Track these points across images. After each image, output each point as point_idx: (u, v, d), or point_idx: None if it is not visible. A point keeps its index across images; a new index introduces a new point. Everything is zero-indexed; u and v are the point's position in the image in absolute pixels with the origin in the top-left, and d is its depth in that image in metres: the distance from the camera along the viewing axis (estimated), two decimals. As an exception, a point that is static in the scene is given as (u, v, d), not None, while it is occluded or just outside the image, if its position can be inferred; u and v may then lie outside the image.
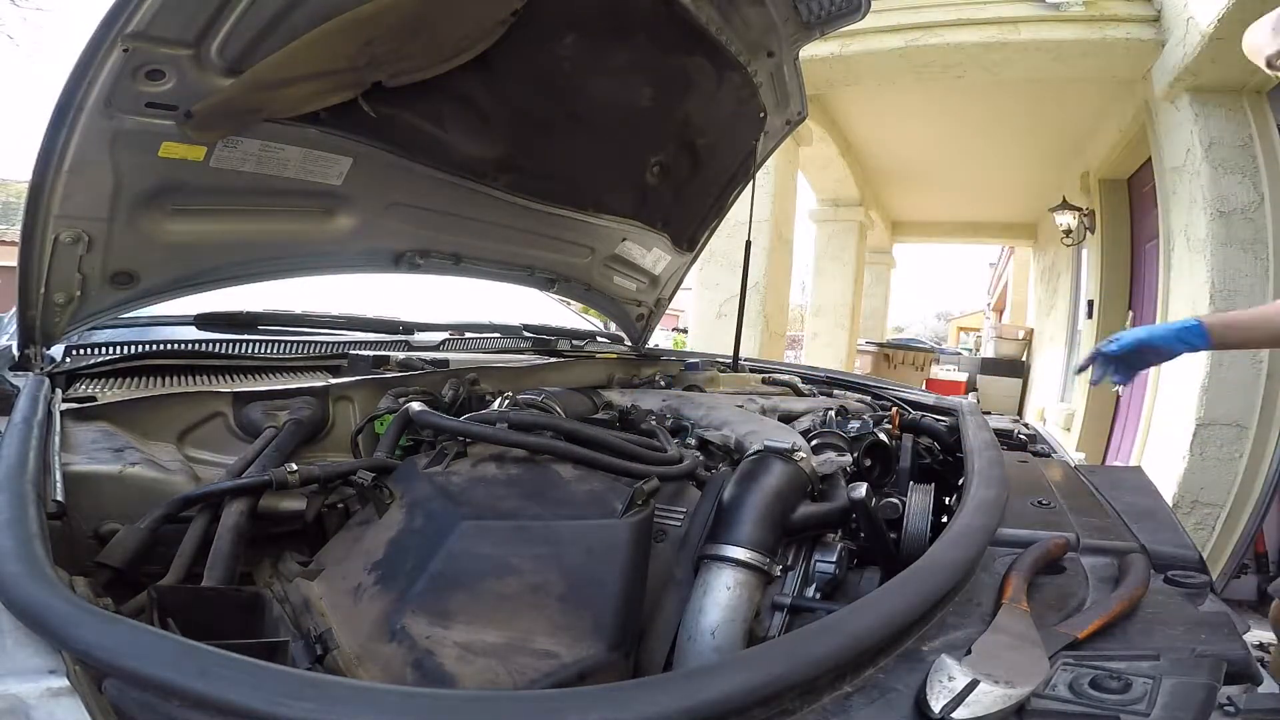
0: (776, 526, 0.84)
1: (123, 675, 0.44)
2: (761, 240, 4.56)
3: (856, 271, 7.30)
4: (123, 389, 1.07)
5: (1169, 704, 0.49)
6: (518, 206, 1.64)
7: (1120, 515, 0.93)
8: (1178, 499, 3.11)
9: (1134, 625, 0.64)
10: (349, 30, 1.01)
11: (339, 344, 1.58)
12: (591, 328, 2.48)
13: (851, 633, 0.54)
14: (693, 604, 0.76)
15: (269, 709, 0.42)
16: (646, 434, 1.12)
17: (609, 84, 1.49)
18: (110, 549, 0.73)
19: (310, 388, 1.14)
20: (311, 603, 0.72)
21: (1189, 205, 3.33)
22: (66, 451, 0.81)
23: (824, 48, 3.87)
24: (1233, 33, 2.84)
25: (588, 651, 0.66)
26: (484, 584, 0.70)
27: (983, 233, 9.29)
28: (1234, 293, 3.08)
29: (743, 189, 2.00)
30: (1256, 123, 3.18)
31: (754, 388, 1.90)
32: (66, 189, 0.96)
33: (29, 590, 0.50)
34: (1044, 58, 3.82)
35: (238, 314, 1.49)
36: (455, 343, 1.86)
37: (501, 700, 0.49)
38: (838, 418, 1.42)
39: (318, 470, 0.87)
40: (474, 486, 0.83)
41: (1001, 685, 0.50)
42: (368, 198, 1.38)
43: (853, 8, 1.51)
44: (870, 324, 9.01)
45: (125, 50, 0.88)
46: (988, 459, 1.06)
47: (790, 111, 1.83)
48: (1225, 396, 3.07)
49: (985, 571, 0.74)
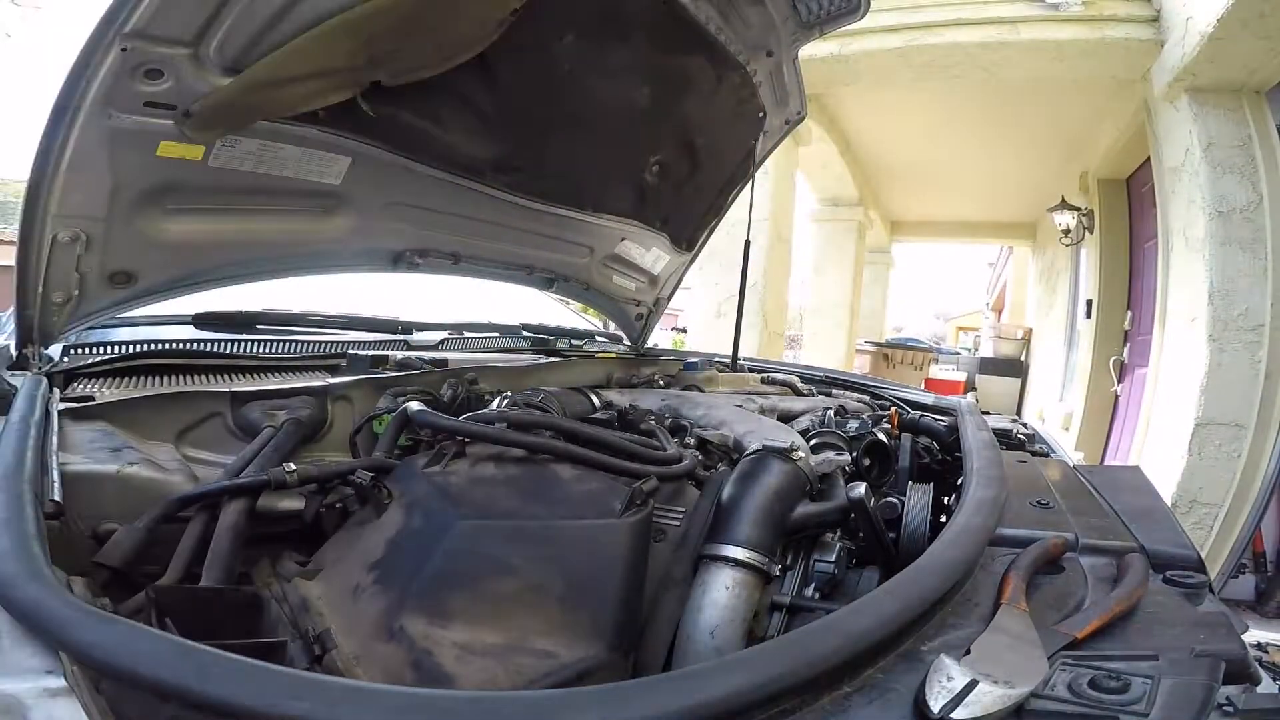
0: (775, 526, 0.84)
1: (120, 675, 0.44)
2: (760, 240, 4.56)
3: (855, 271, 7.30)
4: (121, 388, 1.06)
5: (1168, 704, 0.49)
6: (517, 206, 1.63)
7: (1119, 515, 0.93)
8: (1176, 498, 3.11)
9: (1133, 625, 0.64)
10: (348, 29, 1.01)
11: (337, 344, 1.57)
12: (590, 327, 2.48)
13: (850, 633, 0.54)
14: (692, 604, 0.76)
15: (267, 709, 0.42)
16: (645, 434, 1.12)
17: (608, 84, 1.49)
18: (108, 549, 0.73)
19: (309, 387, 1.14)
20: (310, 603, 0.72)
21: (1188, 205, 3.33)
22: (64, 451, 0.81)
23: (823, 47, 3.87)
24: (1232, 33, 2.85)
25: (587, 651, 0.66)
26: (483, 584, 0.69)
27: (982, 232, 9.29)
28: (1232, 292, 3.09)
29: (742, 188, 2.00)
30: (1255, 123, 3.19)
31: (753, 387, 1.91)
32: (65, 188, 0.96)
33: (26, 590, 0.50)
34: (1043, 58, 3.83)
35: (236, 314, 1.49)
36: (454, 342, 1.86)
37: (500, 700, 0.49)
38: (836, 417, 1.42)
39: (316, 470, 0.87)
40: (473, 486, 0.83)
41: (1000, 685, 0.50)
42: (366, 197, 1.38)
43: (852, 8, 1.51)
44: (869, 323, 9.00)
45: (124, 49, 0.88)
46: (986, 459, 1.06)
47: (789, 111, 1.83)
48: (1223, 396, 3.07)
49: (984, 571, 0.73)
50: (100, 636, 0.46)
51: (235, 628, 0.67)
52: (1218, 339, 3.09)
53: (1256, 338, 3.05)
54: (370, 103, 1.18)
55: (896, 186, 7.57)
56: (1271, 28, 2.80)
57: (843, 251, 7.20)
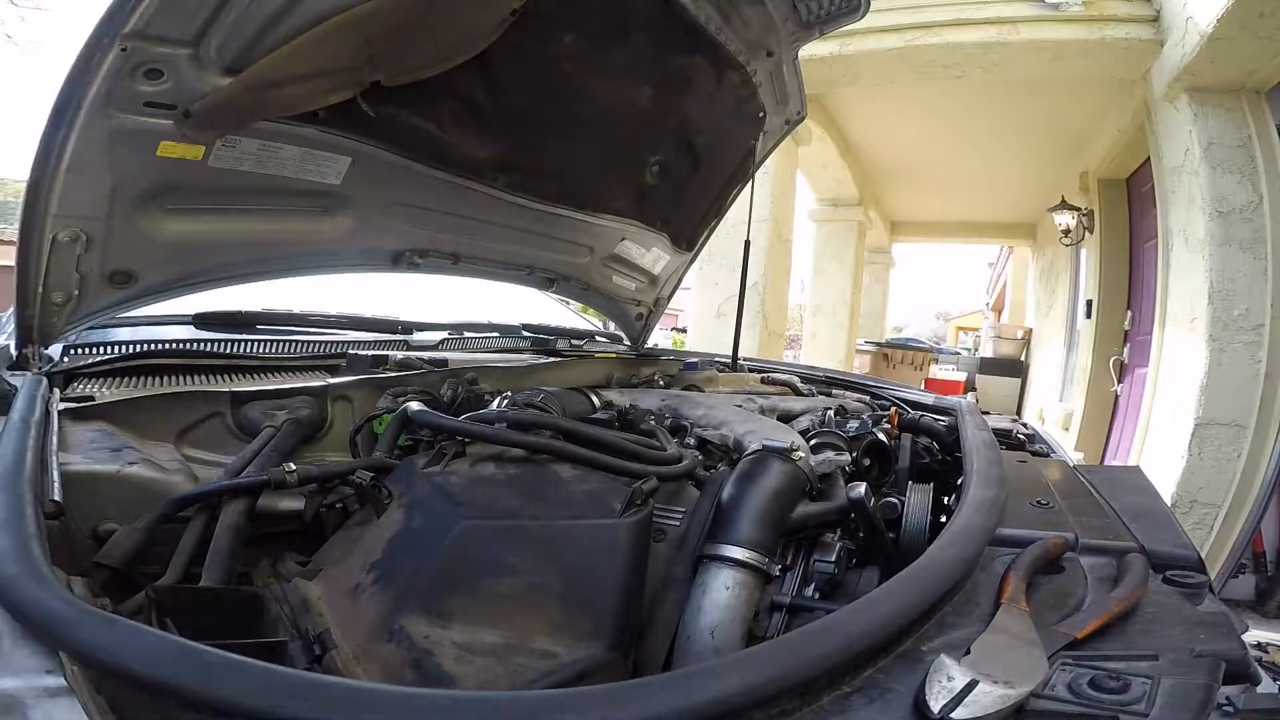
0: (775, 526, 0.84)
1: (120, 675, 0.44)
2: (760, 240, 4.56)
3: (855, 271, 7.30)
4: (121, 388, 1.06)
5: (1167, 704, 0.49)
6: (517, 206, 1.63)
7: (1119, 515, 0.93)
8: (1176, 498, 3.11)
9: (1133, 625, 0.64)
10: (348, 30, 1.01)
11: (337, 343, 1.57)
12: (590, 327, 2.48)
13: (850, 633, 0.54)
14: (691, 604, 0.76)
15: (267, 709, 0.42)
16: (645, 434, 1.12)
17: (608, 84, 1.49)
18: (108, 549, 0.73)
19: (309, 387, 1.14)
20: (310, 603, 0.72)
21: (1187, 205, 3.33)
22: (64, 451, 0.81)
23: (823, 47, 3.87)
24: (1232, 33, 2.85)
25: (586, 651, 0.66)
26: (482, 584, 0.69)
27: (982, 232, 9.29)
28: (1232, 292, 3.09)
29: (742, 188, 2.00)
30: (1255, 123, 3.19)
31: (753, 387, 1.90)
32: (65, 188, 0.96)
33: (27, 590, 0.50)
34: (1043, 58, 3.83)
35: (236, 313, 1.49)
36: (454, 342, 1.86)
37: (500, 700, 0.49)
38: (836, 417, 1.42)
39: (316, 470, 0.87)
40: (472, 486, 0.83)
41: (1000, 685, 0.50)
42: (367, 197, 1.38)
43: (852, 7, 1.51)
44: (869, 323, 9.00)
45: (124, 49, 0.88)
46: (986, 459, 1.06)
47: (789, 111, 1.83)
48: (1224, 396, 3.07)
49: (984, 571, 0.73)
50: (100, 636, 0.46)
51: (235, 628, 0.67)
52: (1218, 339, 3.09)
53: (1256, 338, 3.05)
54: (370, 103, 1.18)
55: (896, 186, 7.57)
56: (1271, 28, 2.80)
57: (843, 251, 7.20)
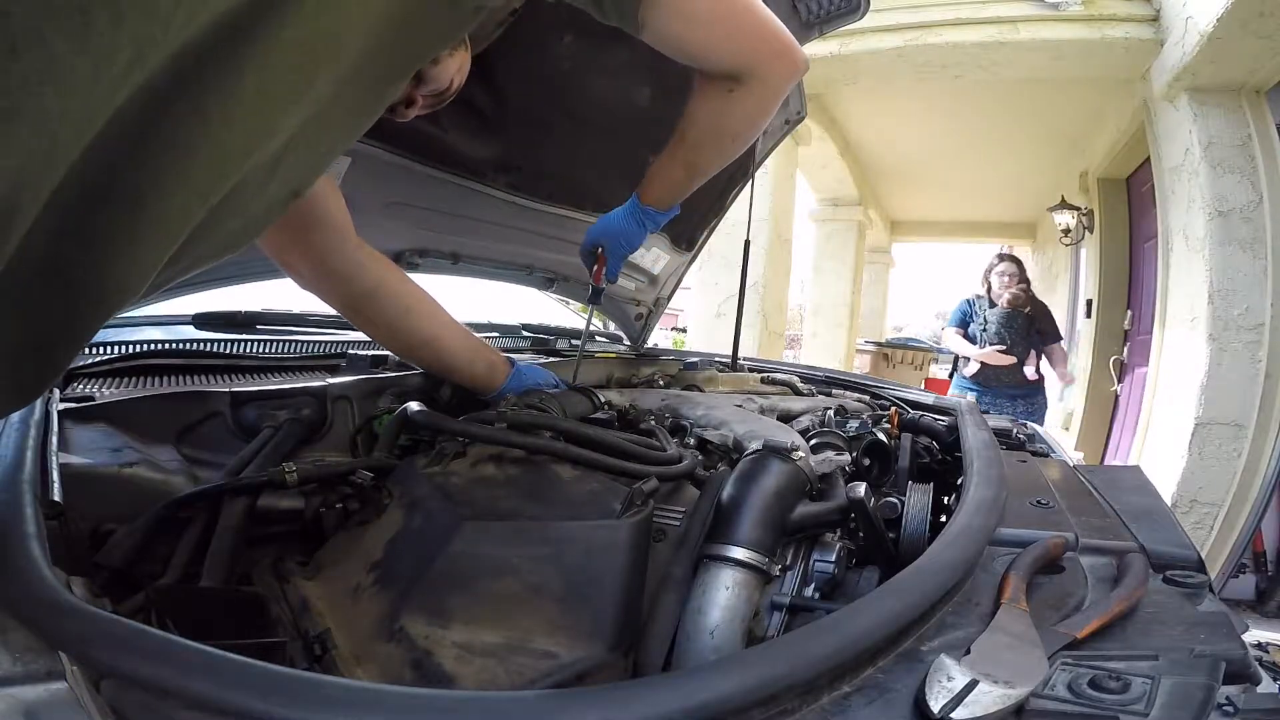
0: (775, 526, 0.84)
1: (120, 675, 0.44)
2: (760, 240, 4.56)
3: (855, 271, 7.30)
4: (121, 388, 1.06)
5: (1168, 704, 0.49)
6: (517, 206, 1.63)
7: (1119, 515, 0.92)
8: (1176, 498, 3.12)
9: (1133, 625, 0.64)
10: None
11: (337, 344, 1.57)
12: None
13: (850, 633, 0.54)
14: (691, 604, 0.76)
15: (267, 709, 0.42)
16: (645, 433, 1.12)
17: (609, 84, 1.48)
18: (108, 549, 0.73)
19: (308, 387, 1.14)
20: (310, 603, 0.72)
21: (1187, 205, 3.33)
22: (64, 451, 0.81)
23: (823, 47, 3.87)
24: (1231, 33, 2.85)
25: (586, 651, 0.66)
26: (482, 584, 0.69)
27: (981, 232, 9.28)
28: (1232, 292, 3.09)
29: (742, 188, 2.00)
30: (1255, 122, 3.19)
31: (753, 387, 1.90)
32: (64, 188, 0.95)
33: (26, 590, 0.50)
34: (1043, 57, 3.83)
35: (236, 313, 1.48)
36: (454, 342, 1.86)
37: (500, 700, 0.49)
38: (836, 417, 1.42)
39: (316, 470, 0.87)
40: (472, 487, 0.83)
41: (1000, 685, 0.50)
42: (366, 197, 1.37)
43: (852, 8, 1.51)
44: (869, 323, 9.00)
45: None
46: (986, 459, 1.06)
47: (789, 111, 1.83)
48: (1224, 396, 3.07)
49: (984, 571, 0.73)
50: (100, 636, 0.46)
51: (235, 628, 0.67)
52: (1218, 339, 3.09)
53: (1256, 338, 3.05)
54: (370, 103, 1.17)
55: (896, 186, 7.57)
56: (1271, 28, 2.80)
57: (843, 251, 7.20)
